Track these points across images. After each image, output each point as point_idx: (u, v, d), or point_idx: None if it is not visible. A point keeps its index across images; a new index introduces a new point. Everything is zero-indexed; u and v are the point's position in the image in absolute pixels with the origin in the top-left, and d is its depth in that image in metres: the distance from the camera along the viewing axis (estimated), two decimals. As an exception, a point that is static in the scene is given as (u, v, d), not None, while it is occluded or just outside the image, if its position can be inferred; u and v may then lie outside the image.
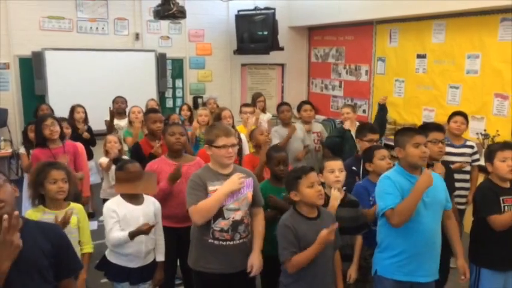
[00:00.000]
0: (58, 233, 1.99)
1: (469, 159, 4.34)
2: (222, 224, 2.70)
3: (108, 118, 5.82)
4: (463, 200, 4.30)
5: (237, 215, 2.72)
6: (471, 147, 4.38)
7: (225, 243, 2.71)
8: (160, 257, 3.08)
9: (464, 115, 4.36)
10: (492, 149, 3.00)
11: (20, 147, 5.17)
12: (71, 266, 2.01)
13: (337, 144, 4.80)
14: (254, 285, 3.00)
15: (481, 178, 4.30)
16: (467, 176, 4.30)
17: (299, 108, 5.39)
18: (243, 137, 4.70)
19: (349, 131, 4.78)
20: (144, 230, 2.83)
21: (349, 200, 3.04)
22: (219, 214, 2.68)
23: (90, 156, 5.52)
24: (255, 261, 2.72)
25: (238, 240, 2.73)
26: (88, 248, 2.93)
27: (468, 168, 4.33)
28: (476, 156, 4.40)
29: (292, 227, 2.53)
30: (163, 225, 3.14)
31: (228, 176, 2.73)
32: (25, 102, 6.99)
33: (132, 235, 2.83)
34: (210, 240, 2.71)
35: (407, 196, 2.56)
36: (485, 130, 5.67)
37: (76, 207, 2.89)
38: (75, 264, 2.04)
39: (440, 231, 2.76)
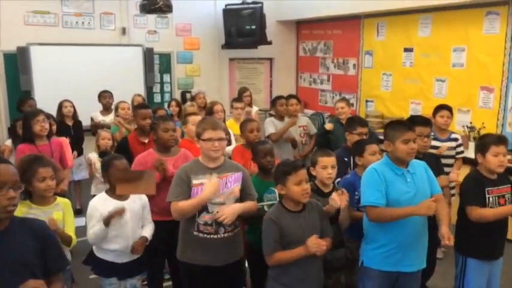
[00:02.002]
0: (46, 230, 2.00)
1: (453, 152, 4.35)
2: (206, 217, 2.73)
3: (94, 113, 5.83)
4: (451, 192, 4.34)
5: None
6: (455, 140, 4.40)
7: (209, 236, 2.73)
8: (146, 234, 3.03)
9: (449, 109, 4.36)
10: (486, 142, 2.97)
11: (7, 141, 5.12)
12: (59, 263, 2.02)
13: (320, 143, 4.97)
14: (244, 278, 3.02)
15: (465, 170, 4.35)
16: (451, 169, 4.33)
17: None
18: (229, 130, 4.68)
19: (342, 124, 4.91)
20: (114, 214, 2.82)
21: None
22: (204, 207, 2.71)
23: (79, 152, 5.49)
24: (226, 209, 2.68)
25: (222, 234, 2.74)
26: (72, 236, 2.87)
27: (452, 161, 4.36)
28: (461, 149, 4.42)
29: (276, 220, 2.55)
30: (153, 219, 3.14)
31: (214, 169, 2.74)
32: (10, 97, 6.89)
33: (106, 222, 2.81)
34: (195, 233, 2.74)
35: (398, 209, 2.61)
36: (471, 122, 5.75)
37: (62, 202, 2.88)
38: (62, 260, 2.05)
39: (427, 222, 2.80)
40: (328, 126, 5.09)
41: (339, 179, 3.28)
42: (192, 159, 3.09)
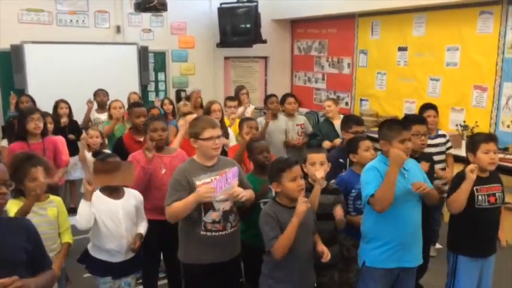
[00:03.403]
0: (32, 229, 2.03)
1: (443, 148, 4.37)
2: (213, 215, 2.72)
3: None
4: (444, 188, 4.36)
5: (227, 205, 2.74)
6: (443, 136, 4.41)
7: (217, 233, 2.73)
8: (141, 231, 3.05)
9: (434, 108, 4.33)
10: (476, 140, 2.98)
11: (2, 140, 5.08)
12: (45, 261, 2.06)
13: (316, 144, 4.86)
14: (241, 273, 3.04)
15: (458, 168, 4.37)
16: (443, 165, 4.34)
17: (283, 101, 5.41)
18: (230, 130, 4.68)
19: (331, 123, 5.01)
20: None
21: (332, 188, 3.09)
22: (210, 206, 2.70)
23: (76, 152, 5.47)
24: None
25: (229, 229, 2.76)
26: (67, 238, 2.90)
27: (443, 157, 4.38)
28: (449, 144, 4.45)
29: (273, 215, 2.54)
30: (147, 218, 3.13)
31: (212, 167, 2.74)
32: (4, 96, 6.85)
33: (86, 197, 2.81)
34: (202, 233, 2.72)
35: (384, 179, 2.60)
36: (464, 121, 5.79)
37: (55, 200, 2.89)
38: (46, 259, 2.09)
39: (421, 219, 2.82)
40: (336, 141, 4.75)
41: (333, 180, 3.29)
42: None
